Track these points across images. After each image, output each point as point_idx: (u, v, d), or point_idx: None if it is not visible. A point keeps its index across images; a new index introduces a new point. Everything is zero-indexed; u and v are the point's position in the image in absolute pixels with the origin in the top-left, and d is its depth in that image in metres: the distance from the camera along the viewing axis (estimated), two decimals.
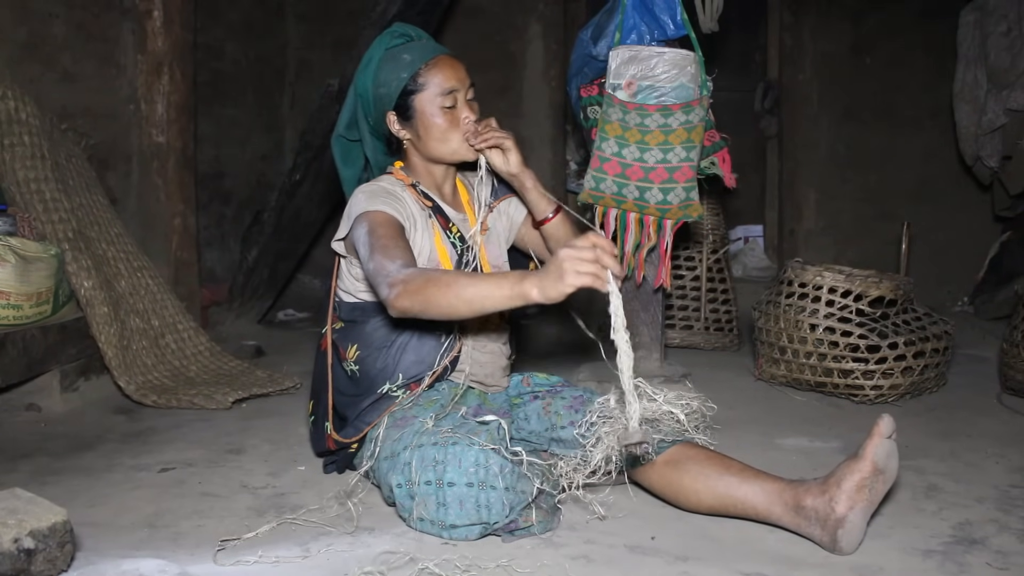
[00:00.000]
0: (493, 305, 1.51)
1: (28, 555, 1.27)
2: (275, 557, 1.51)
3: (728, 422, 2.32)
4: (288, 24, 4.63)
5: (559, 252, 1.43)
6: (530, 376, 1.99)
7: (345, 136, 2.00)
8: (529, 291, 1.45)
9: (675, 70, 2.40)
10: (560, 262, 1.42)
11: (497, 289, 1.49)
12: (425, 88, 1.85)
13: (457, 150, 1.88)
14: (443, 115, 1.85)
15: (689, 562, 1.50)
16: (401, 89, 1.85)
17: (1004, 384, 2.73)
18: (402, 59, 1.86)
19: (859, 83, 4.59)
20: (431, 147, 1.88)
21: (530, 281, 1.45)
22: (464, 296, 1.51)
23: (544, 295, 1.43)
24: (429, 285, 1.54)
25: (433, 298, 1.53)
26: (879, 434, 1.52)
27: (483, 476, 1.55)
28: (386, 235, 1.72)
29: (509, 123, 1.87)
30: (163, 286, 2.98)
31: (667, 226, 2.50)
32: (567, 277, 1.40)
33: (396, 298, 1.57)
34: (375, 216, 1.76)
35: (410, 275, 1.59)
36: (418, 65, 1.85)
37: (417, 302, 1.55)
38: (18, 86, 2.64)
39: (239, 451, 2.16)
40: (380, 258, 1.66)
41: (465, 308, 1.53)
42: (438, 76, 1.85)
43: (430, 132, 1.86)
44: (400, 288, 1.57)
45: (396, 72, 1.86)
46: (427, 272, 1.62)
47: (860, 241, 4.60)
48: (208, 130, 3.78)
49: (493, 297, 1.49)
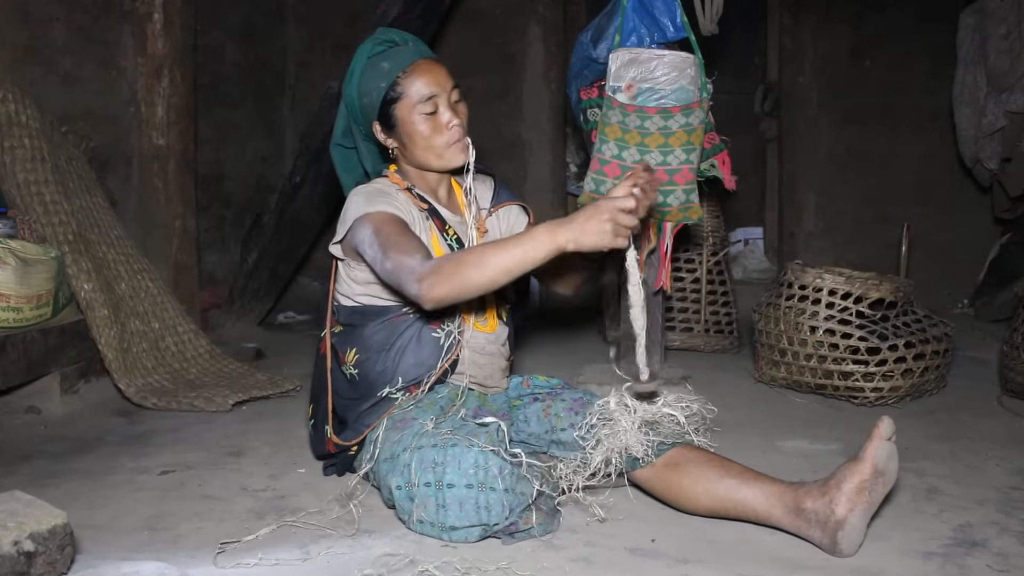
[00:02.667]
0: (531, 264, 1.53)
1: (28, 558, 1.27)
2: (275, 559, 1.51)
3: (728, 424, 2.32)
4: (288, 27, 4.64)
5: (599, 202, 1.47)
6: (530, 378, 1.99)
7: (342, 144, 1.99)
8: (564, 244, 1.49)
9: (675, 72, 2.41)
10: (600, 212, 1.46)
11: (532, 250, 1.51)
12: (404, 96, 1.82)
13: (442, 155, 1.85)
14: (425, 122, 1.82)
15: (689, 564, 1.50)
16: (381, 99, 1.83)
17: (1004, 386, 2.72)
18: (380, 68, 1.83)
19: (859, 85, 4.60)
20: (417, 155, 1.86)
21: (563, 232, 1.48)
22: (502, 265, 1.53)
23: (579, 245, 1.48)
24: (462, 267, 1.56)
25: (470, 278, 1.55)
26: (879, 436, 1.52)
27: (483, 478, 1.54)
28: (395, 232, 1.71)
29: (509, 126, 1.87)
30: (163, 288, 2.98)
31: (667, 228, 2.50)
32: (606, 228, 1.45)
33: (430, 289, 1.57)
34: (377, 216, 1.75)
35: (438, 264, 1.60)
36: (395, 73, 1.82)
37: (454, 287, 1.56)
38: (18, 89, 2.64)
39: (239, 453, 2.16)
40: (397, 255, 1.65)
41: (504, 277, 1.55)
42: (416, 83, 1.81)
43: (414, 140, 1.84)
44: (431, 279, 1.57)
45: (376, 82, 1.83)
46: (453, 256, 1.63)
47: (860, 243, 4.61)
48: (208, 133, 3.78)
49: (528, 258, 1.52)
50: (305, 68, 4.62)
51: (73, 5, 2.93)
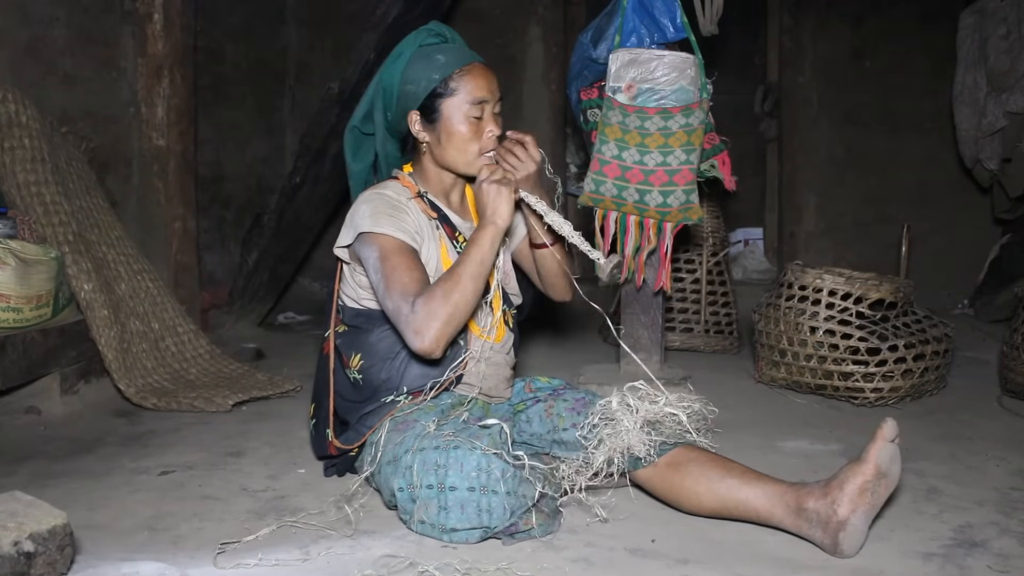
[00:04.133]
0: (490, 258, 1.70)
1: (28, 558, 1.27)
2: (275, 560, 1.51)
3: (728, 425, 2.32)
4: (288, 27, 4.64)
5: (479, 187, 1.72)
6: (532, 380, 1.98)
7: (359, 128, 1.95)
8: (492, 221, 1.70)
9: (675, 73, 2.41)
10: (481, 189, 1.71)
11: (479, 248, 1.69)
12: (455, 94, 1.80)
13: (472, 163, 1.83)
14: (468, 124, 1.80)
15: (690, 565, 1.50)
16: (431, 90, 1.81)
17: (1004, 387, 2.72)
18: (435, 59, 1.81)
19: (859, 86, 4.60)
20: (448, 154, 1.84)
21: (485, 222, 1.71)
22: (470, 272, 1.67)
23: (500, 216, 1.70)
24: (447, 295, 1.65)
25: (456, 298, 1.65)
26: (882, 438, 1.51)
27: (485, 480, 1.54)
28: (400, 265, 1.71)
29: (509, 125, 1.86)
30: (163, 289, 2.97)
31: (667, 229, 2.50)
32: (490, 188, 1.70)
33: (432, 343, 1.65)
34: (385, 242, 1.74)
35: (425, 305, 1.64)
36: (452, 69, 1.80)
37: (451, 325, 1.66)
38: (18, 89, 2.64)
39: (239, 454, 2.15)
40: (399, 299, 1.67)
41: (480, 281, 1.69)
42: (471, 84, 1.80)
43: (452, 139, 1.82)
44: (426, 327, 1.63)
45: (427, 72, 1.81)
46: (433, 290, 1.67)
47: (860, 244, 4.61)
48: (208, 133, 3.79)
49: (484, 256, 1.69)
50: (305, 69, 4.62)
51: (73, 5, 2.93)
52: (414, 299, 1.65)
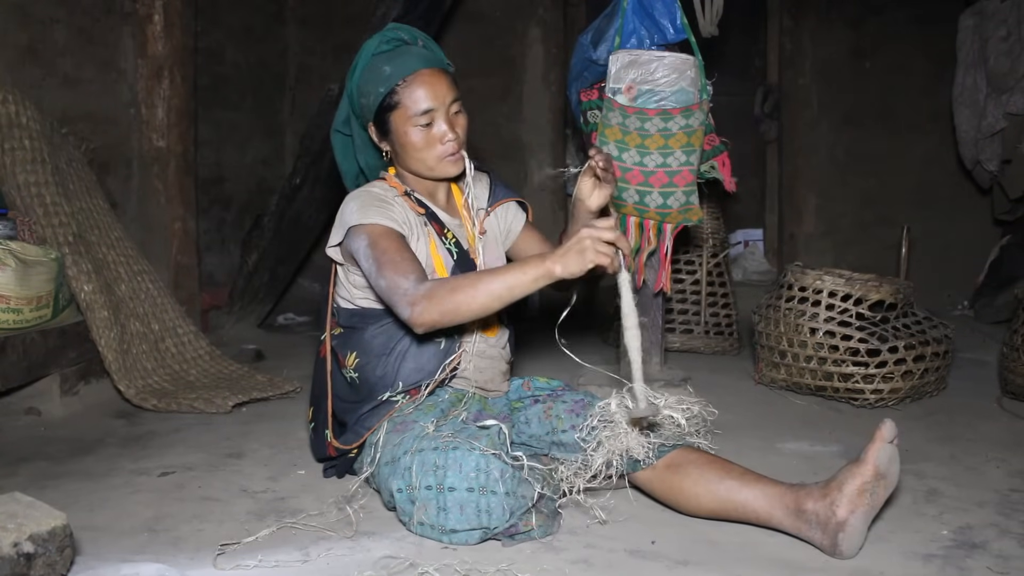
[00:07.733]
0: (522, 292, 1.58)
1: (28, 559, 1.27)
2: (275, 561, 1.51)
3: (728, 426, 2.32)
4: (288, 29, 4.64)
5: (581, 231, 1.51)
6: (531, 380, 1.99)
7: (341, 131, 1.97)
8: (552, 268, 1.53)
9: (675, 74, 2.41)
10: (581, 239, 1.51)
11: (522, 275, 1.56)
12: (399, 106, 1.79)
13: (434, 168, 1.83)
14: (419, 133, 1.80)
15: (689, 566, 1.50)
16: (378, 104, 1.81)
17: (1004, 388, 2.72)
18: (382, 71, 1.80)
19: (859, 87, 4.60)
20: (410, 163, 1.85)
21: (552, 260, 1.53)
22: (494, 292, 1.57)
23: (567, 271, 1.52)
24: (455, 293, 1.58)
25: (463, 304, 1.58)
26: (881, 438, 1.52)
27: (484, 481, 1.54)
28: (390, 248, 1.70)
29: (509, 128, 1.86)
30: (163, 290, 2.98)
31: (667, 230, 2.50)
32: (587, 254, 1.50)
33: (421, 315, 1.59)
34: (372, 229, 1.73)
35: (431, 288, 1.60)
36: (395, 81, 1.78)
37: (446, 313, 1.59)
38: (19, 90, 2.64)
39: (239, 455, 2.15)
40: (391, 275, 1.65)
41: (496, 303, 1.59)
42: (415, 94, 1.78)
43: (406, 150, 1.82)
44: (424, 304, 1.59)
45: (375, 85, 1.80)
46: (448, 281, 1.63)
47: (860, 245, 4.61)
48: (208, 134, 3.79)
49: (521, 284, 1.56)
50: (305, 70, 4.62)
51: (74, 7, 2.93)
52: (416, 279, 1.63)
